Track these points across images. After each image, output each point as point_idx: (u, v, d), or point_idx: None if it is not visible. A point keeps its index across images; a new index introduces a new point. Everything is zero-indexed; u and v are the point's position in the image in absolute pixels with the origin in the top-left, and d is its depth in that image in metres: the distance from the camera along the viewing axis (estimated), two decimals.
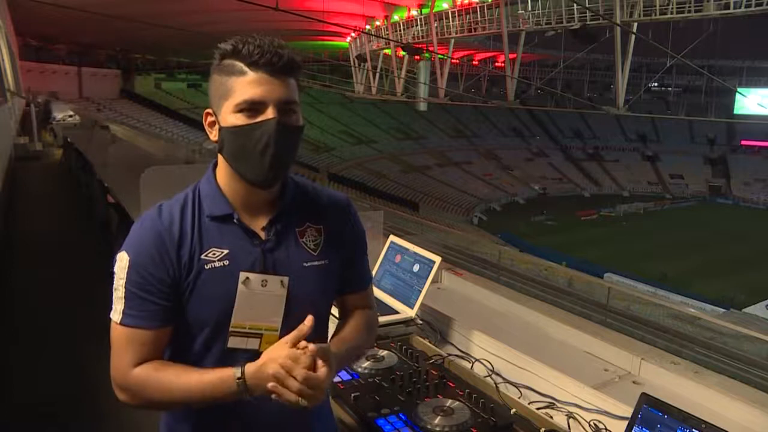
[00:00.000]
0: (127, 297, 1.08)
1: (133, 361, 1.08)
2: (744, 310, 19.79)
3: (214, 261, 1.10)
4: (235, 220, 1.13)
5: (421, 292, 2.08)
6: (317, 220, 1.20)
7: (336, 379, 1.64)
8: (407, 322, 2.05)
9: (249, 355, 1.09)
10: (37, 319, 4.16)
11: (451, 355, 1.85)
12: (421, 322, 2.10)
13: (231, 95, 1.07)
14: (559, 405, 1.62)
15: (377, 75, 30.57)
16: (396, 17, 28.53)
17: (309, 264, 1.17)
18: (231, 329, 1.11)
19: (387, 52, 30.48)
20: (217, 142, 1.12)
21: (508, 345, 1.88)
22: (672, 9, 17.69)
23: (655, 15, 17.98)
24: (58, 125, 17.88)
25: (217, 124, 1.11)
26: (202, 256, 1.10)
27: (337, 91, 38.39)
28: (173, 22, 18.79)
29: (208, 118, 1.13)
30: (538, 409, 1.57)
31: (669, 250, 29.35)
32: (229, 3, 13.14)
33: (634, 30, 18.09)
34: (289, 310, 1.13)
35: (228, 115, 1.08)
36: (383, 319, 1.98)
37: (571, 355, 2.13)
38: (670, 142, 51.48)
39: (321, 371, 1.03)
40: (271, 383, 1.01)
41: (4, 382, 3.22)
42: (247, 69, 1.06)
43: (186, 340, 1.13)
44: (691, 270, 26.24)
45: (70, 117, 20.04)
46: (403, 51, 27.31)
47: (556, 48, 35.69)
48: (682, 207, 42.99)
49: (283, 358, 1.02)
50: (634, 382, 1.92)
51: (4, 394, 3.11)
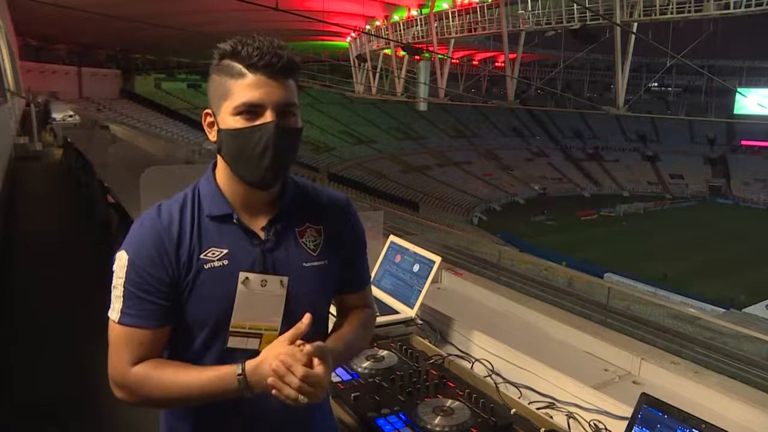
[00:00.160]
0: (126, 296, 1.08)
1: (130, 360, 1.08)
2: (744, 310, 19.82)
3: (214, 261, 1.10)
4: (234, 220, 1.13)
5: (421, 292, 2.08)
6: (317, 221, 1.20)
7: (336, 379, 1.64)
8: (407, 322, 2.04)
9: (248, 355, 1.08)
10: (37, 319, 4.15)
11: (451, 355, 1.84)
12: (421, 322, 2.10)
13: (230, 97, 1.07)
14: (559, 405, 1.62)
15: (377, 75, 30.55)
16: (396, 17, 28.52)
17: (308, 264, 1.17)
18: (230, 329, 1.11)
19: (387, 52, 30.47)
20: (216, 142, 1.12)
21: (508, 345, 1.88)
22: (672, 9, 17.68)
23: (655, 15, 17.98)
24: (58, 125, 17.87)
25: (216, 125, 1.11)
26: (202, 256, 1.10)
27: (337, 91, 38.38)
28: (173, 22, 18.78)
29: (207, 119, 1.13)
30: (538, 409, 1.57)
31: (669, 250, 29.36)
32: (229, 3, 13.13)
33: (634, 30, 18.09)
34: (288, 310, 1.13)
35: (227, 117, 1.08)
36: (383, 319, 1.98)
37: (571, 355, 2.13)
38: (670, 142, 51.48)
39: (318, 369, 1.02)
40: (271, 378, 1.01)
41: (4, 382, 3.22)
42: (245, 71, 1.05)
43: (185, 340, 1.13)
44: (691, 270, 26.25)
45: (70, 117, 20.04)
46: (403, 51, 27.30)
47: (556, 48, 35.71)
48: (682, 207, 43.01)
49: (283, 354, 1.02)
50: (634, 382, 1.92)
51: (4, 394, 3.11)
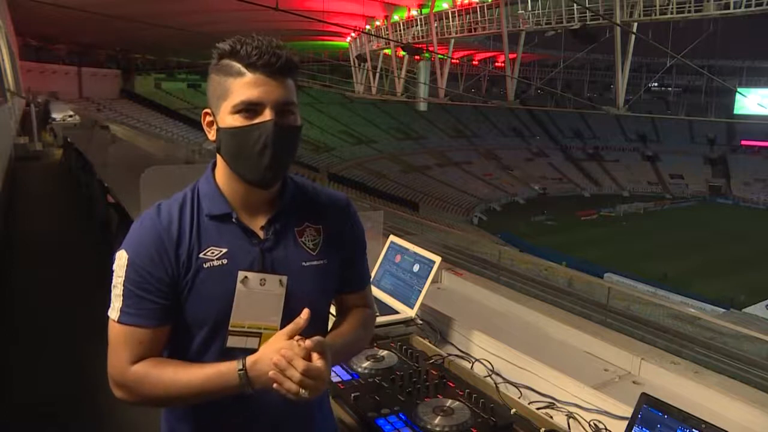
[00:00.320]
0: (126, 295, 1.08)
1: (130, 359, 1.08)
2: (744, 310, 19.82)
3: (213, 260, 1.10)
4: (233, 220, 1.13)
5: (421, 292, 2.08)
6: (316, 220, 1.20)
7: (336, 379, 1.64)
8: (407, 322, 2.04)
9: (248, 354, 1.08)
10: (37, 319, 4.15)
11: (451, 355, 1.84)
12: (421, 322, 2.10)
13: (229, 96, 1.07)
14: (559, 405, 1.62)
15: (377, 75, 30.56)
16: (396, 17, 28.51)
17: (308, 263, 1.17)
18: (230, 328, 1.11)
19: (387, 52, 30.47)
20: (216, 142, 1.12)
21: (508, 345, 1.88)
22: (672, 9, 17.68)
23: (655, 15, 17.97)
24: (58, 125, 17.86)
25: (215, 125, 1.11)
26: (201, 255, 1.10)
27: (337, 91, 38.38)
28: (173, 22, 18.77)
29: (207, 118, 1.13)
30: (538, 409, 1.57)
31: (669, 250, 29.36)
32: (229, 3, 13.14)
33: (634, 30, 18.09)
34: (288, 309, 1.13)
35: (226, 116, 1.08)
36: (383, 319, 1.98)
37: (571, 355, 2.13)
38: (670, 142, 51.48)
39: (318, 363, 1.02)
40: (272, 372, 1.01)
41: (4, 382, 3.22)
42: (244, 70, 1.06)
43: (185, 339, 1.13)
44: (691, 270, 26.26)
45: (70, 117, 20.03)
46: (403, 51, 27.30)
47: (556, 48, 35.69)
48: (682, 207, 43.01)
49: (284, 348, 1.02)
50: (634, 382, 1.92)
51: (4, 394, 3.11)
